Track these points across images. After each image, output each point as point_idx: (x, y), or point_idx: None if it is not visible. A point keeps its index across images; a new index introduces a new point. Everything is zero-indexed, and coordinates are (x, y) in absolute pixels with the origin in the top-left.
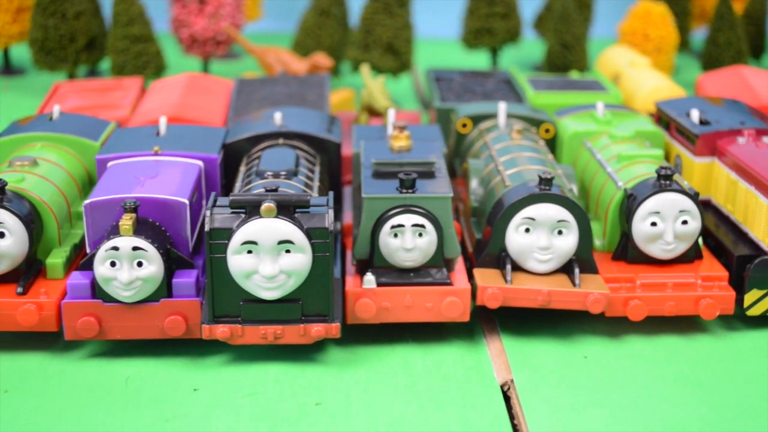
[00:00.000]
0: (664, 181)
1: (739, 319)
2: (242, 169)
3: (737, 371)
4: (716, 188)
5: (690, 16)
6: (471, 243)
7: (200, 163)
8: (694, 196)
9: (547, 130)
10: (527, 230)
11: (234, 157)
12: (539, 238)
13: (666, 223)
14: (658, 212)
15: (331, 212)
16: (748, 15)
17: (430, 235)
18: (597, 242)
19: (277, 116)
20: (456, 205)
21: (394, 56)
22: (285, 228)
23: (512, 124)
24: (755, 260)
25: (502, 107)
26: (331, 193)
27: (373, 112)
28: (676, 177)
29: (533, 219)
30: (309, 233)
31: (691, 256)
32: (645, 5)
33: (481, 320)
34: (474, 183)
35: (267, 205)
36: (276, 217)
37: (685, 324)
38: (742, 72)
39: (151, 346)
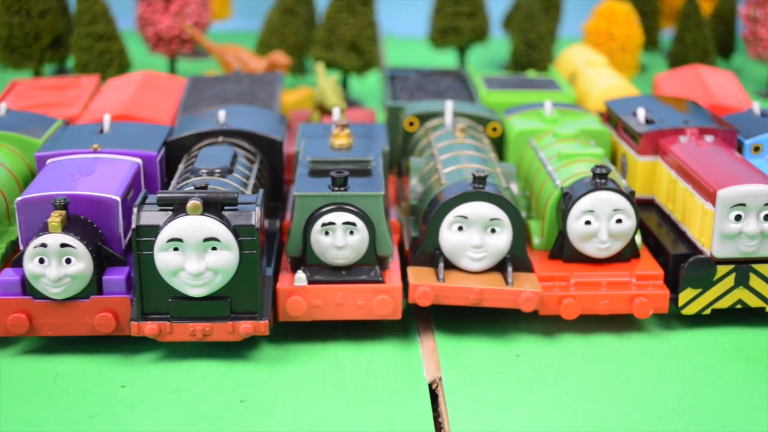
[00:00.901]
0: (599, 179)
1: (676, 319)
2: (181, 166)
3: (667, 370)
4: (658, 187)
5: (659, 15)
6: (408, 241)
7: (139, 160)
8: (629, 195)
9: (494, 129)
10: (460, 228)
11: (178, 154)
12: (472, 236)
13: (600, 222)
14: (592, 211)
15: (258, 210)
16: (718, 15)
17: (362, 233)
18: (536, 240)
19: (221, 114)
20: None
21: (357, 55)
22: (210, 225)
23: (458, 123)
24: (689, 259)
25: (448, 106)
26: (261, 191)
27: (325, 110)
28: (613, 176)
29: (466, 217)
30: (236, 231)
31: (627, 255)
32: (609, 4)
33: (417, 318)
34: (414, 181)
35: (192, 203)
36: (202, 214)
37: (623, 323)
38: (698, 71)
39: (83, 343)
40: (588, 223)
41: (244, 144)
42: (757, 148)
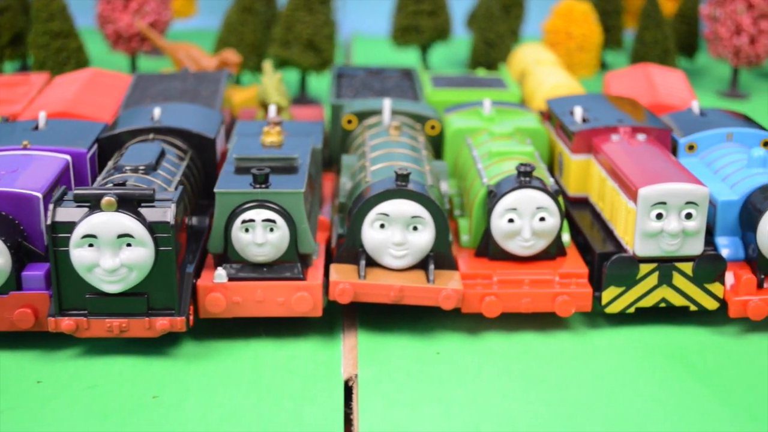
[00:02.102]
0: (524, 177)
1: (603, 317)
2: (110, 163)
3: (584, 368)
4: (591, 186)
5: (623, 14)
6: (335, 238)
7: (68, 157)
8: (553, 193)
9: (432, 127)
10: (382, 226)
11: (111, 151)
12: (394, 233)
13: (523, 220)
14: (515, 209)
15: (173, 207)
16: (681, 14)
17: (282, 231)
18: (464, 238)
19: (156, 112)
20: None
21: (314, 53)
22: (125, 222)
23: (393, 121)
24: (612, 257)
25: (386, 104)
26: (181, 188)
27: (267, 107)
28: (540, 174)
29: (387, 215)
30: (151, 227)
31: (552, 253)
32: (568, 3)
33: (343, 316)
34: (344, 178)
35: (107, 199)
36: (117, 210)
37: (550, 321)
38: (648, 70)
39: (2, 339)
40: (511, 221)
41: (176, 141)
42: (691, 147)
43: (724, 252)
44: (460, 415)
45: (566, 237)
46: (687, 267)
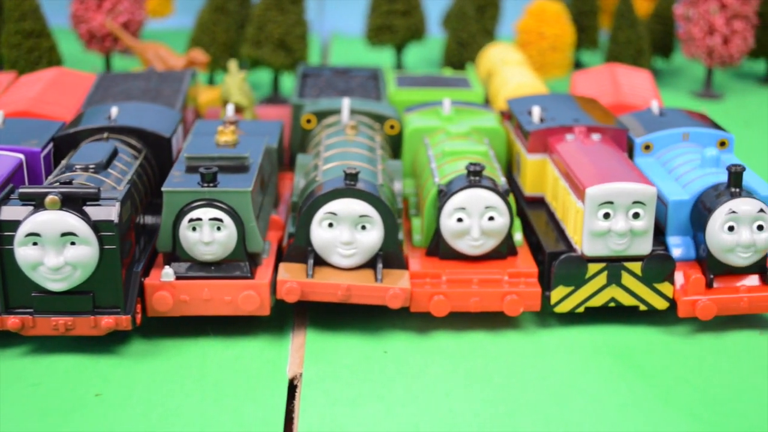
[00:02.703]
0: (473, 177)
1: (554, 317)
2: (62, 162)
3: (530, 367)
4: (546, 185)
5: (598, 14)
6: (287, 237)
7: (21, 156)
8: (502, 193)
9: (392, 127)
10: (330, 225)
11: (67, 150)
12: (342, 233)
13: (472, 219)
14: (463, 208)
15: (118, 206)
16: (657, 14)
17: (229, 229)
18: (416, 237)
19: (113, 111)
20: None
21: (286, 52)
22: (68, 220)
23: (349, 121)
24: (560, 257)
25: (345, 103)
26: (128, 187)
27: (237, 107)
28: (492, 173)
29: (335, 214)
30: (96, 226)
31: (503, 252)
32: (541, 4)
33: (295, 315)
34: (297, 178)
35: (50, 198)
36: (61, 209)
37: (500, 320)
38: (614, 70)
39: None
40: (460, 220)
41: (131, 140)
42: (647, 147)
43: (676, 252)
44: (400, 414)
45: (518, 236)
46: (636, 267)
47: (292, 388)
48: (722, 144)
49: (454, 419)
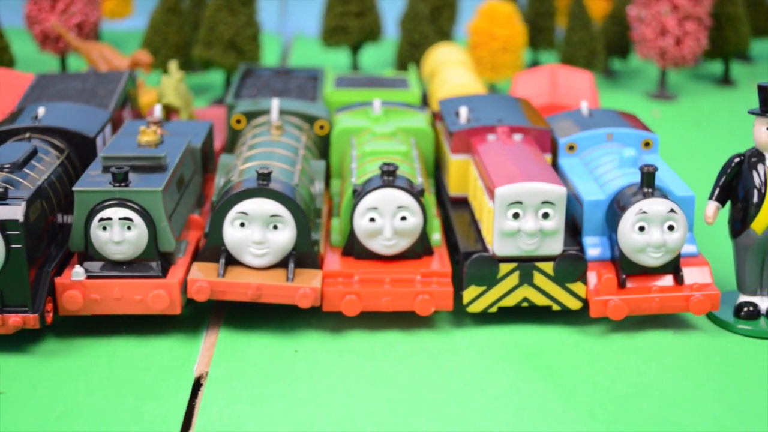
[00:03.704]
0: (387, 177)
1: (470, 317)
2: None
3: (438, 367)
4: (469, 185)
5: (555, 15)
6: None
7: None
8: (415, 193)
9: (321, 127)
10: (242, 224)
11: None
12: (254, 232)
13: (384, 219)
14: (376, 208)
15: (24, 205)
16: (614, 15)
17: (139, 229)
18: (335, 237)
19: (40, 111)
20: None
21: (236, 53)
22: None
23: (274, 121)
24: (471, 256)
25: (274, 103)
26: (37, 186)
27: (167, 108)
28: (408, 173)
29: (246, 213)
30: (2, 225)
31: (418, 252)
32: (492, 5)
33: (212, 314)
34: (218, 178)
35: None
36: None
37: (415, 320)
38: (554, 71)
39: None
40: (372, 220)
41: (54, 140)
42: (571, 147)
43: (591, 252)
44: (298, 413)
45: (436, 236)
46: (548, 266)
47: (199, 387)
48: (647, 144)
49: (352, 418)
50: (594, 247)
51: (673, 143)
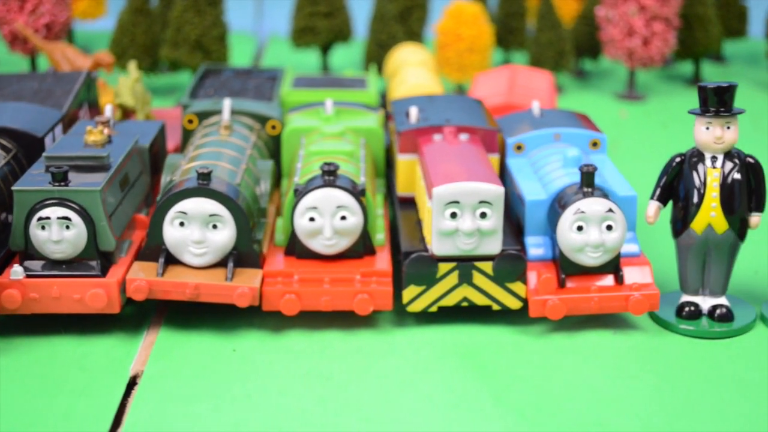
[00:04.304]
0: (327, 177)
1: (412, 316)
2: None
3: (372, 366)
4: (415, 185)
5: (526, 15)
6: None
7: None
8: (355, 193)
9: (273, 127)
10: (182, 224)
11: None
12: (193, 232)
13: (324, 219)
14: (315, 207)
15: None
16: (584, 15)
17: (78, 228)
18: (279, 237)
19: None
20: None
21: (203, 54)
22: None
23: (234, 121)
24: (410, 256)
25: (226, 103)
26: None
27: (123, 108)
28: (351, 173)
29: (185, 213)
30: None
31: (360, 251)
32: (458, 5)
33: (155, 312)
34: (164, 177)
35: None
36: None
37: (356, 320)
38: (514, 70)
39: None
40: (312, 219)
41: (3, 140)
42: (519, 147)
43: (533, 252)
44: (228, 411)
45: (380, 236)
46: (487, 266)
47: (134, 386)
48: (594, 144)
49: (281, 417)
50: (536, 246)
51: (638, 143)
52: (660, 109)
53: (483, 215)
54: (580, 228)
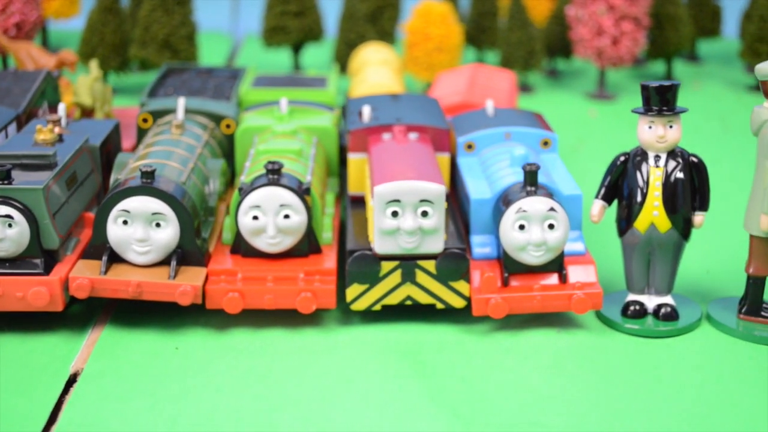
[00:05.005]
0: (272, 175)
1: (359, 315)
2: None
3: (311, 365)
4: (365, 184)
5: (498, 14)
6: None
7: None
8: (299, 191)
9: (228, 126)
10: (125, 222)
11: None
12: (136, 230)
13: (267, 217)
14: (259, 206)
15: None
16: (556, 15)
17: (21, 226)
18: (226, 235)
19: None
20: None
21: (171, 53)
22: None
23: (188, 120)
24: (353, 254)
25: (180, 102)
26: None
27: (81, 107)
28: (299, 172)
29: (128, 211)
30: None
31: (304, 250)
32: (427, 5)
33: (103, 311)
34: (113, 175)
35: None
36: None
37: (302, 318)
38: (475, 70)
39: None
40: (256, 218)
41: None
42: (470, 146)
43: (479, 250)
44: (164, 409)
45: (327, 234)
46: (430, 265)
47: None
48: (545, 143)
49: (215, 415)
50: (482, 245)
51: (605, 143)
52: (630, 108)
53: (424, 214)
54: (522, 227)
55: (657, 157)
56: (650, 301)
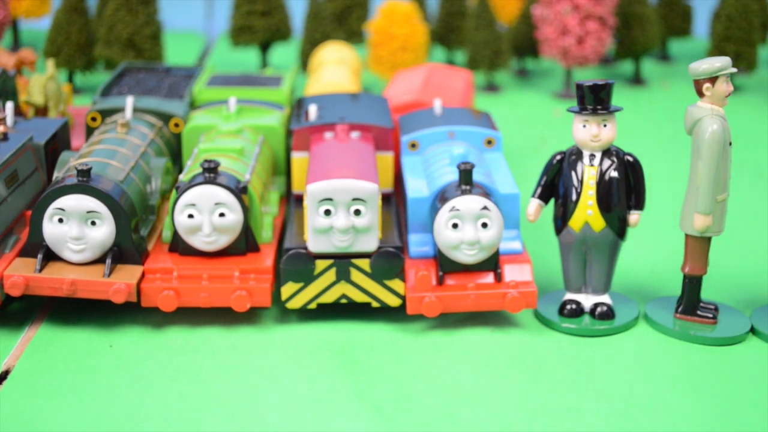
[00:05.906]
0: (208, 173)
1: (297, 313)
2: None
3: (242, 363)
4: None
5: (467, 14)
6: None
7: None
8: (235, 190)
9: (176, 125)
10: (60, 220)
11: None
12: (71, 228)
13: (203, 216)
14: (194, 204)
15: None
16: (525, 15)
17: None
18: (165, 234)
19: None
20: None
21: (135, 52)
22: None
23: (135, 118)
24: (288, 252)
25: (128, 101)
26: None
27: (34, 106)
28: (236, 170)
29: (63, 209)
30: None
31: (242, 248)
32: (391, 4)
33: (41, 309)
34: (56, 174)
35: None
36: None
37: (239, 317)
38: (432, 69)
39: None
40: (191, 216)
41: None
42: (413, 145)
43: (416, 249)
44: (90, 406)
45: (266, 233)
46: (364, 263)
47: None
48: (489, 143)
49: (139, 412)
50: (419, 244)
51: (568, 142)
52: None
53: (357, 212)
54: (455, 225)
55: (592, 156)
56: (587, 300)
